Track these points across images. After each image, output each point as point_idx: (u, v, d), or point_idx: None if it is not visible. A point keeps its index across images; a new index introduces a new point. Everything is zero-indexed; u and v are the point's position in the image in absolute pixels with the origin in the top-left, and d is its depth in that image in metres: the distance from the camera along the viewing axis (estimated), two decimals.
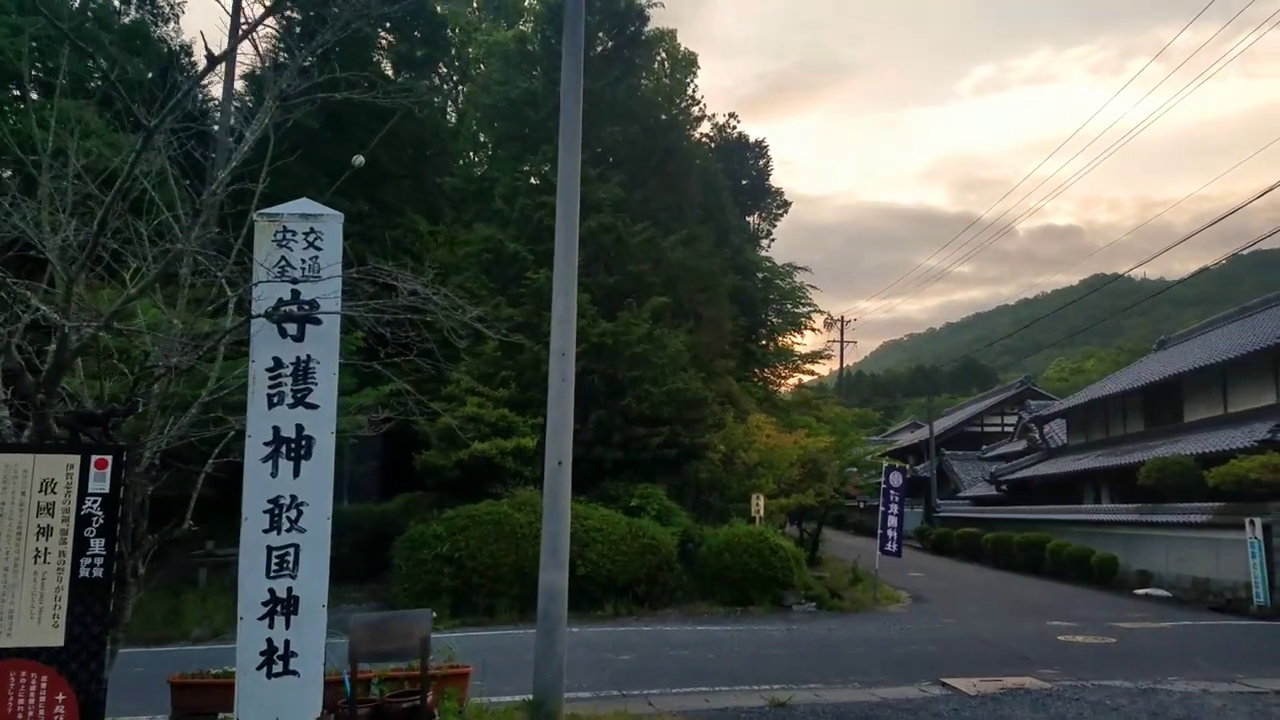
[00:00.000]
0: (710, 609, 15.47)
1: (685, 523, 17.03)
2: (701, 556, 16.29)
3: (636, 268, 16.79)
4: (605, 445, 16.72)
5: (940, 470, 42.52)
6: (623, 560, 15.08)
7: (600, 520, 15.27)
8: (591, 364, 16.37)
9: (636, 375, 16.37)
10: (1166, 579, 18.85)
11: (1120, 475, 24.02)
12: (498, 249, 16.84)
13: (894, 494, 17.64)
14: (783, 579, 15.90)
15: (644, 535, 15.44)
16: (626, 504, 16.62)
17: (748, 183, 41.45)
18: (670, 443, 17.09)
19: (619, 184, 16.99)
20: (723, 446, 18.21)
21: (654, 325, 16.54)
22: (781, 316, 36.06)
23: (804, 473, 19.86)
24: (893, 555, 18.34)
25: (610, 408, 16.65)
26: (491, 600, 14.43)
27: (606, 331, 16.05)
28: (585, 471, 17.04)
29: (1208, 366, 22.35)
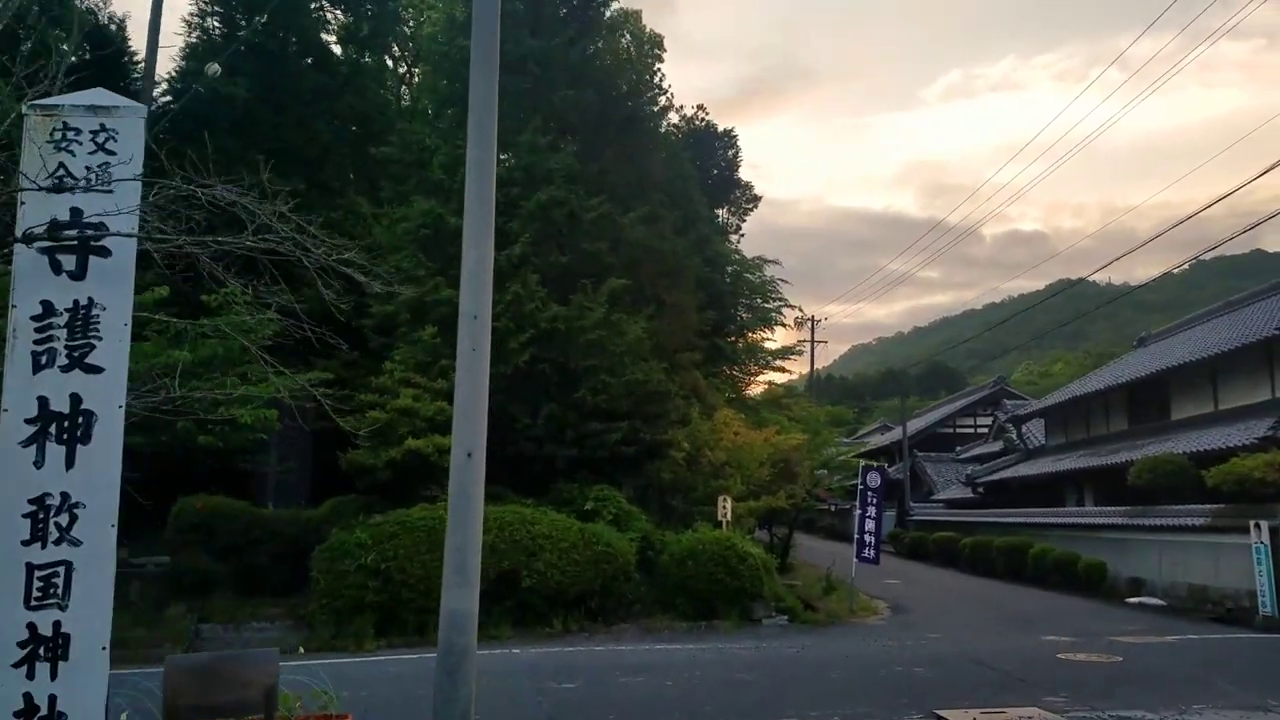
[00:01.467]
0: (671, 624, 13.92)
1: (645, 528, 15.48)
2: (662, 565, 14.76)
3: (592, 246, 15.23)
4: (557, 442, 15.13)
5: (913, 472, 41.47)
6: (574, 570, 13.49)
7: (549, 526, 13.67)
8: (542, 352, 14.78)
9: (592, 365, 14.80)
10: (1160, 586, 17.66)
11: (1105, 476, 22.91)
12: (437, 224, 15.17)
13: (871, 496, 16.25)
14: (751, 589, 14.42)
15: (598, 542, 13.86)
16: (581, 507, 15.04)
17: (716, 174, 40.08)
18: (629, 439, 15.54)
19: (572, 154, 15.43)
20: (687, 444, 16.69)
21: (611, 310, 14.99)
22: (751, 311, 34.73)
23: (775, 473, 18.42)
24: (870, 562, 16.95)
25: (563, 401, 15.06)
26: (423, 617, 12.73)
27: (558, 316, 14.46)
28: (536, 472, 15.45)
29: (1197, 362, 21.31)
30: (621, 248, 15.69)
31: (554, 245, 15.21)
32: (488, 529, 13.26)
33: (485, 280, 6.52)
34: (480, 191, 6.26)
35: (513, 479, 15.46)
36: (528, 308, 14.32)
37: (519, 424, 14.91)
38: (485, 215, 6.28)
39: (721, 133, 40.67)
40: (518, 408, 14.92)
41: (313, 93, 24.89)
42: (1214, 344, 21.23)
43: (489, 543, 13.16)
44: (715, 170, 40.40)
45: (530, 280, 14.43)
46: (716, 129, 40.57)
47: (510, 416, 14.96)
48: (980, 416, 50.65)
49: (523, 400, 14.91)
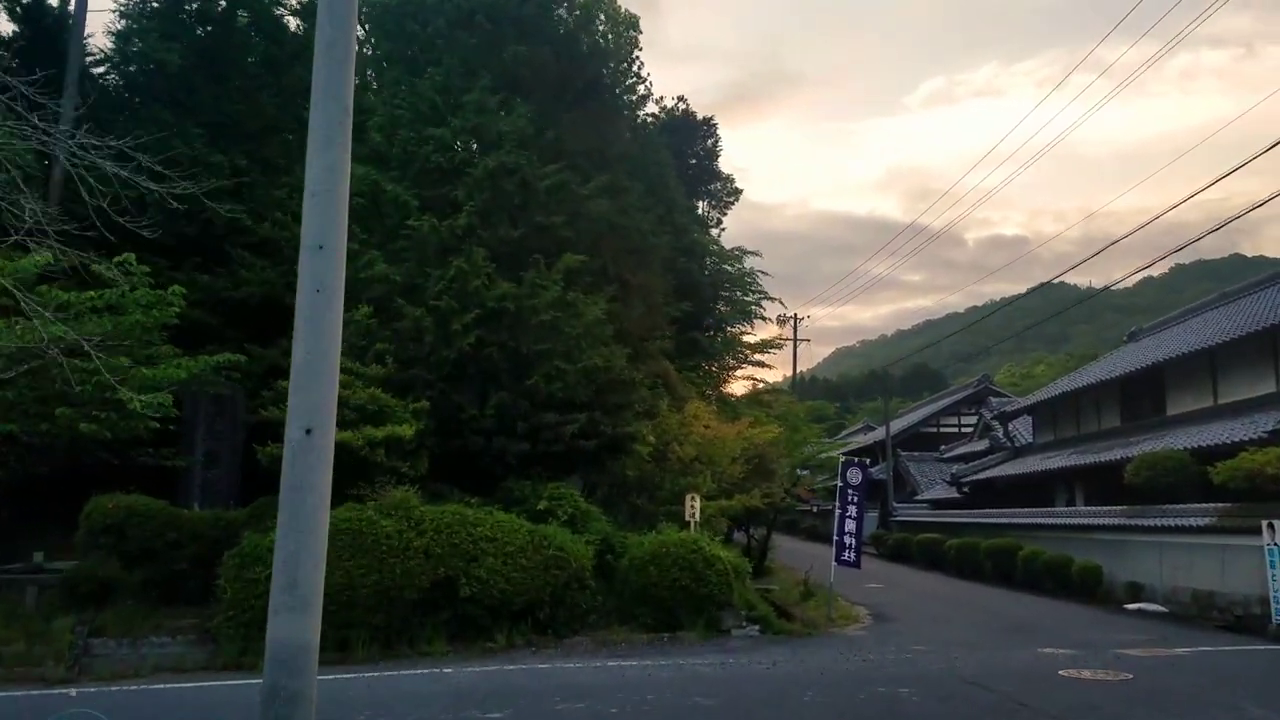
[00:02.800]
0: (630, 636, 12.51)
1: (605, 529, 14.07)
2: (622, 571, 13.35)
3: (547, 219, 13.82)
4: (508, 435, 13.69)
5: (896, 472, 40.32)
6: (521, 577, 12.06)
7: (492, 528, 12.23)
8: (490, 334, 13.34)
9: (545, 349, 13.38)
10: (1161, 591, 16.45)
11: (1098, 474, 21.74)
12: (374, 192, 13.71)
13: (852, 494, 14.92)
14: (720, 597, 13.04)
15: (549, 546, 12.43)
16: (533, 507, 13.61)
17: (695, 163, 38.75)
18: (588, 432, 14.13)
19: (526, 117, 13.99)
20: (653, 438, 15.30)
21: (568, 289, 13.59)
22: (731, 305, 33.41)
23: (749, 470, 17.06)
24: (851, 566, 15.62)
25: (514, 389, 13.62)
26: (345, 632, 11.28)
27: (508, 294, 13.02)
28: (484, 468, 14.01)
29: (1195, 353, 20.18)
30: (580, 222, 14.29)
31: (505, 217, 13.79)
32: (422, 533, 11.84)
33: (337, 197, 5.04)
34: (331, 80, 4.75)
35: (458, 476, 14.02)
36: (473, 284, 12.89)
37: (465, 414, 13.48)
38: (339, 112, 4.78)
39: (701, 121, 39.34)
40: (463, 396, 13.48)
41: (260, 64, 23.37)
42: (1213, 335, 20.11)
43: (422, 547, 11.73)
44: (694, 160, 39.11)
45: (476, 254, 13.00)
46: (695, 116, 39.28)
47: (455, 406, 13.53)
48: (964, 415, 49.67)
49: (469, 388, 13.48)
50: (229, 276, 19.76)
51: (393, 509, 11.92)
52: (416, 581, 11.52)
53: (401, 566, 11.47)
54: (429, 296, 12.95)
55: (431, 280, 12.96)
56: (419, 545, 11.69)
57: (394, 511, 11.89)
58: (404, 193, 13.39)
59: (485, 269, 13.02)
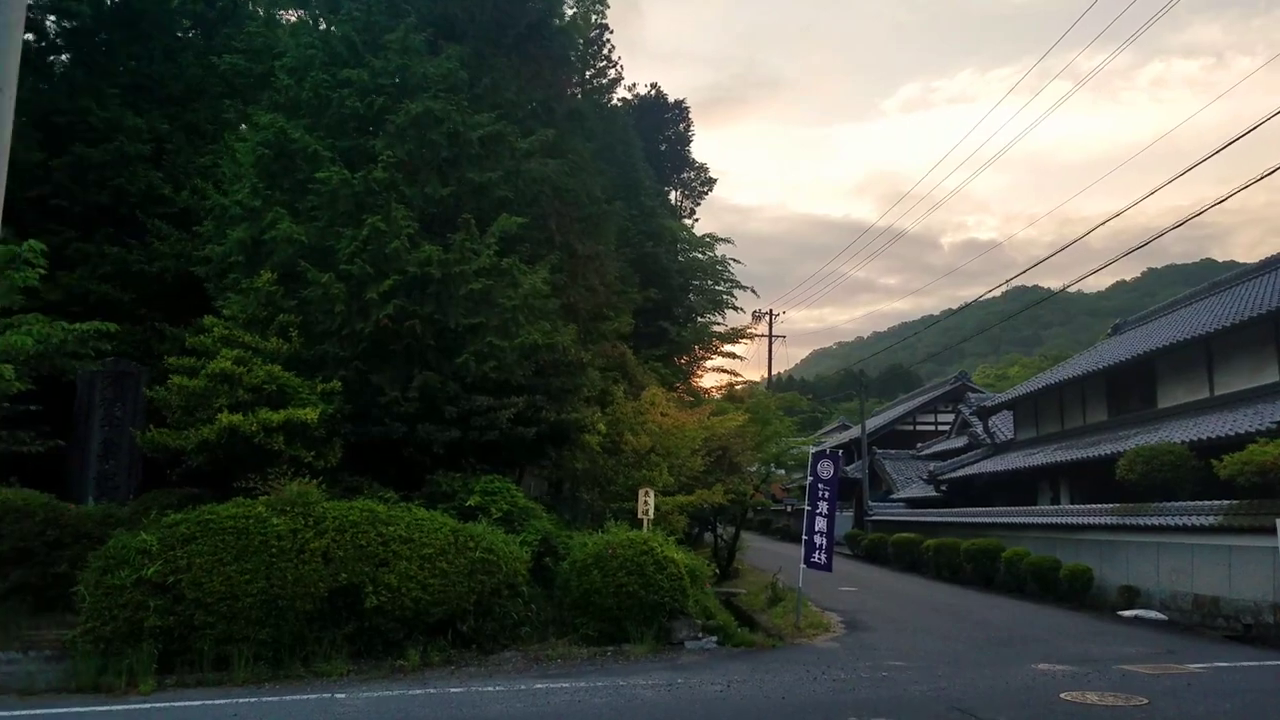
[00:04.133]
0: (568, 650, 10.88)
1: (546, 528, 12.44)
2: (562, 575, 11.73)
3: (480, 176, 12.16)
4: (434, 421, 12.00)
5: (872, 470, 39.01)
6: (440, 584, 10.39)
7: (408, 527, 10.55)
8: (411, 305, 11.63)
9: (477, 323, 11.70)
10: (1158, 597, 15.10)
11: (1085, 470, 20.45)
12: (281, 143, 11.96)
13: (823, 489, 13.40)
14: (672, 604, 11.45)
15: (475, 547, 10.77)
16: (463, 503, 11.94)
17: (665, 148, 37.19)
18: (527, 418, 12.49)
19: (457, 59, 12.30)
20: (604, 427, 13.68)
21: (503, 255, 11.93)
22: (702, 294, 31.89)
23: (711, 463, 15.49)
24: (822, 569, 14.08)
25: (441, 368, 11.94)
26: (225, 648, 9.54)
27: (432, 258, 11.33)
28: (408, 459, 12.31)
29: (1189, 342, 18.91)
30: (520, 181, 12.64)
31: (432, 172, 12.10)
32: (322, 533, 10.14)
33: None
34: None
35: (377, 468, 12.33)
36: (391, 246, 11.19)
37: (384, 397, 11.78)
38: None
39: (672, 104, 37.83)
40: (382, 376, 11.78)
41: (189, 24, 21.53)
42: (1209, 323, 18.85)
43: (321, 549, 10.02)
44: (664, 145, 37.54)
45: (396, 212, 11.30)
46: (666, 99, 37.72)
47: (373, 388, 11.82)
48: (941, 413, 48.60)
49: (388, 367, 11.78)
50: (143, 249, 17.95)
51: (288, 505, 10.19)
52: (312, 589, 9.81)
53: (294, 572, 9.76)
54: (340, 260, 11.25)
55: (343, 241, 11.26)
56: (317, 547, 9.98)
57: (289, 508, 10.17)
58: (315, 143, 11.67)
59: (406, 229, 11.33)
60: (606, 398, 15.87)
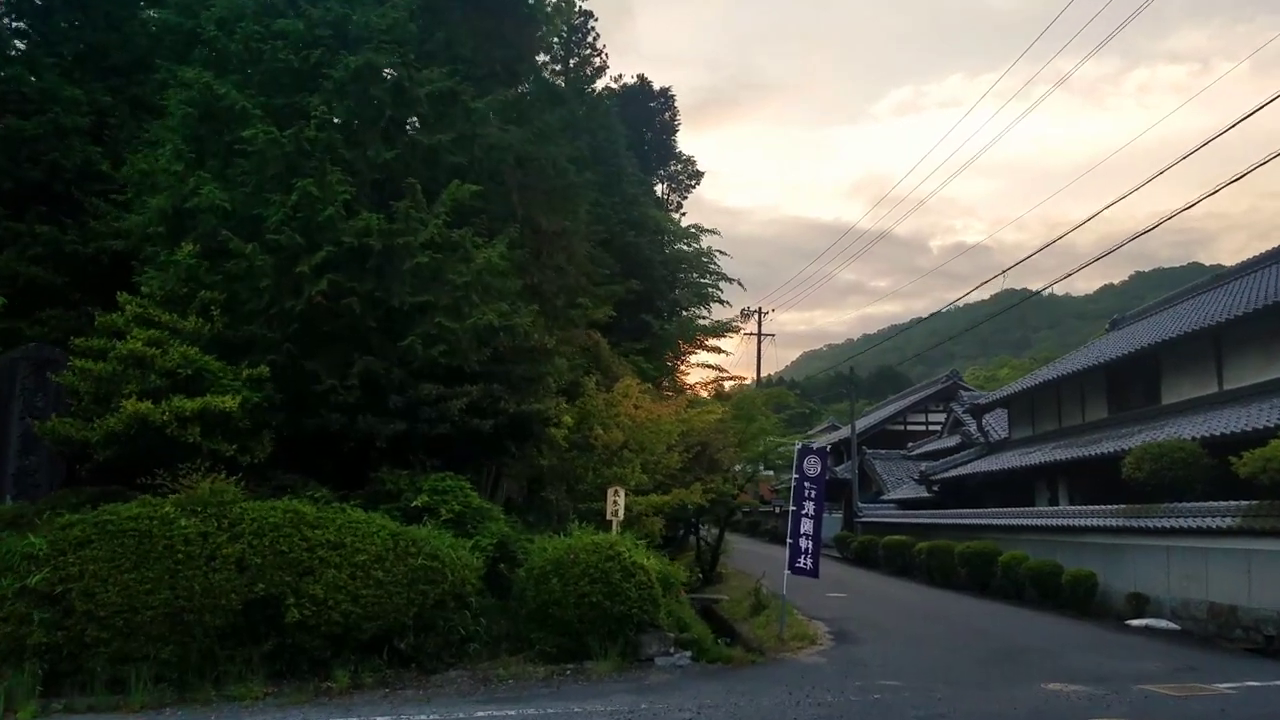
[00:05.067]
0: (522, 670, 9.69)
1: (504, 531, 11.25)
2: (518, 584, 10.53)
3: (428, 139, 10.98)
4: (377, 412, 10.79)
5: (861, 470, 37.91)
6: (374, 596, 9.18)
7: (338, 530, 9.33)
8: (349, 281, 10.42)
9: (424, 301, 10.51)
10: (1169, 605, 14.02)
11: (1085, 469, 19.39)
12: (208, 102, 10.75)
13: (809, 488, 12.25)
14: (641, 615, 10.27)
15: (418, 553, 9.57)
16: (408, 503, 10.73)
17: (650, 136, 36.00)
18: (483, 409, 11.29)
19: (403, 9, 11.10)
20: (570, 419, 12.50)
21: (454, 225, 10.74)
22: (687, 287, 30.73)
23: (689, 459, 14.33)
24: (808, 574, 12.93)
25: (384, 353, 10.73)
26: (121, 667, 8.32)
27: (372, 228, 10.12)
28: (349, 454, 11.08)
29: (1196, 334, 17.88)
30: (476, 147, 11.46)
31: (375, 134, 10.90)
32: (237, 537, 8.91)
33: None
34: None
35: (314, 464, 11.11)
36: (324, 214, 9.98)
37: (320, 385, 10.56)
38: None
39: (657, 91, 36.64)
40: (317, 362, 10.56)
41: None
42: (1217, 313, 17.82)
43: (235, 556, 8.80)
44: (648, 134, 36.35)
45: (330, 176, 10.10)
46: (651, 87, 36.54)
47: (307, 374, 10.60)
48: (932, 413, 47.62)
49: (324, 351, 10.57)
50: (78, 229, 16.67)
51: (199, 505, 8.96)
52: (223, 601, 8.60)
53: (203, 581, 8.54)
54: (269, 230, 10.03)
55: (273, 207, 10.04)
56: (230, 553, 8.76)
57: (200, 508, 8.94)
58: (244, 100, 10.46)
59: (343, 195, 10.12)
60: (576, 389, 14.70)
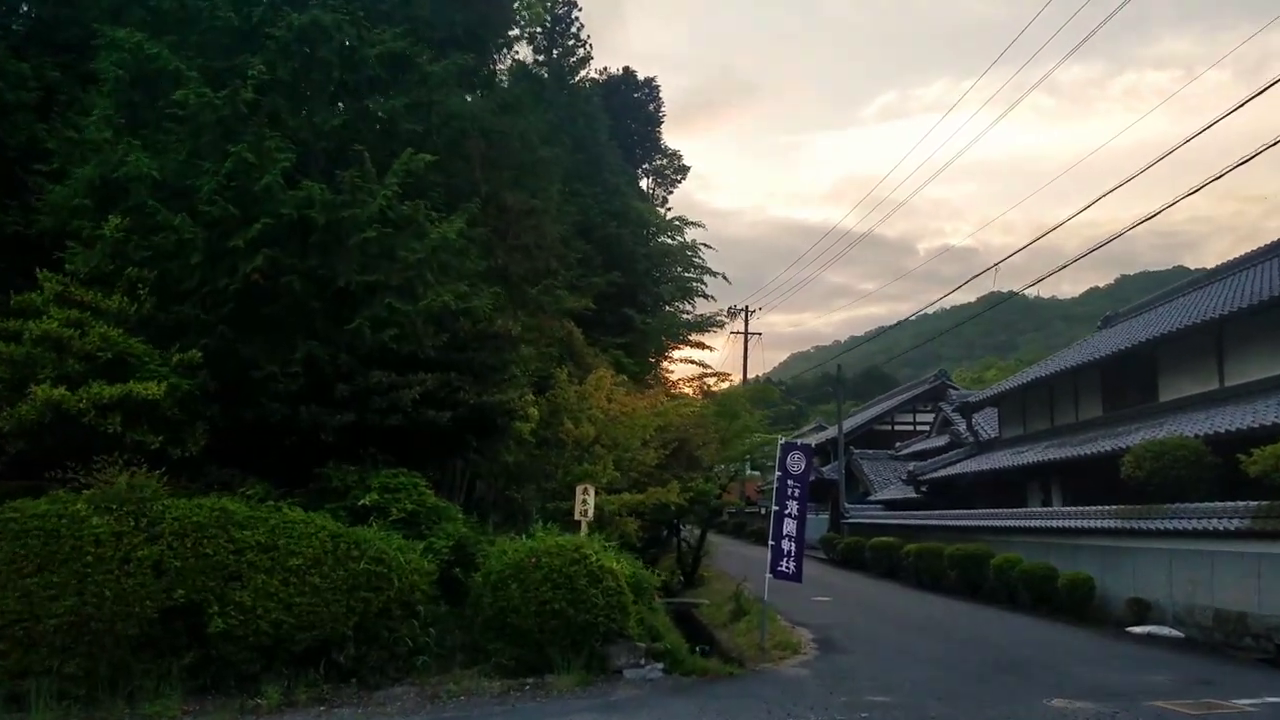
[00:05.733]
0: (476, 684, 8.80)
1: (461, 532, 10.37)
2: (475, 590, 9.65)
3: (380, 105, 10.12)
4: (323, 402, 9.89)
5: (848, 471, 37.18)
6: (310, 603, 8.30)
7: (271, 531, 8.44)
8: (290, 256, 9.52)
9: (373, 281, 9.63)
10: (1172, 611, 13.30)
11: (1081, 469, 18.69)
12: (140, 64, 9.84)
13: (793, 486, 11.43)
14: (608, 624, 9.40)
15: (360, 556, 8.69)
16: (354, 501, 9.84)
17: (634, 125, 35.11)
18: (441, 400, 10.41)
19: None
20: (536, 412, 11.63)
21: (406, 198, 9.86)
22: (671, 281, 29.94)
23: (666, 456, 13.50)
24: (789, 578, 12.09)
25: (330, 337, 9.84)
26: (21, 682, 7.41)
27: (314, 199, 9.23)
28: (291, 447, 10.17)
29: (1196, 329, 17.20)
30: (434, 115, 10.59)
31: (322, 99, 10.02)
32: (155, 538, 8.01)
33: None
34: None
35: (254, 459, 10.18)
36: (261, 183, 9.08)
37: (260, 372, 9.65)
38: None
39: (641, 81, 35.78)
40: (255, 347, 9.66)
41: None
42: (1218, 308, 17.15)
43: (152, 558, 7.90)
44: (632, 123, 35.48)
45: (268, 142, 9.21)
46: (635, 77, 35.70)
47: (244, 360, 9.68)
48: (920, 413, 46.96)
49: (263, 335, 9.67)
50: (21, 210, 15.67)
51: (114, 502, 8.05)
52: (138, 608, 7.69)
53: (115, 586, 7.63)
54: (201, 201, 9.13)
55: (207, 175, 9.14)
56: (147, 555, 7.86)
57: (116, 505, 8.02)
58: (178, 61, 9.56)
59: (282, 162, 9.23)
60: (548, 381, 13.84)
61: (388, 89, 10.23)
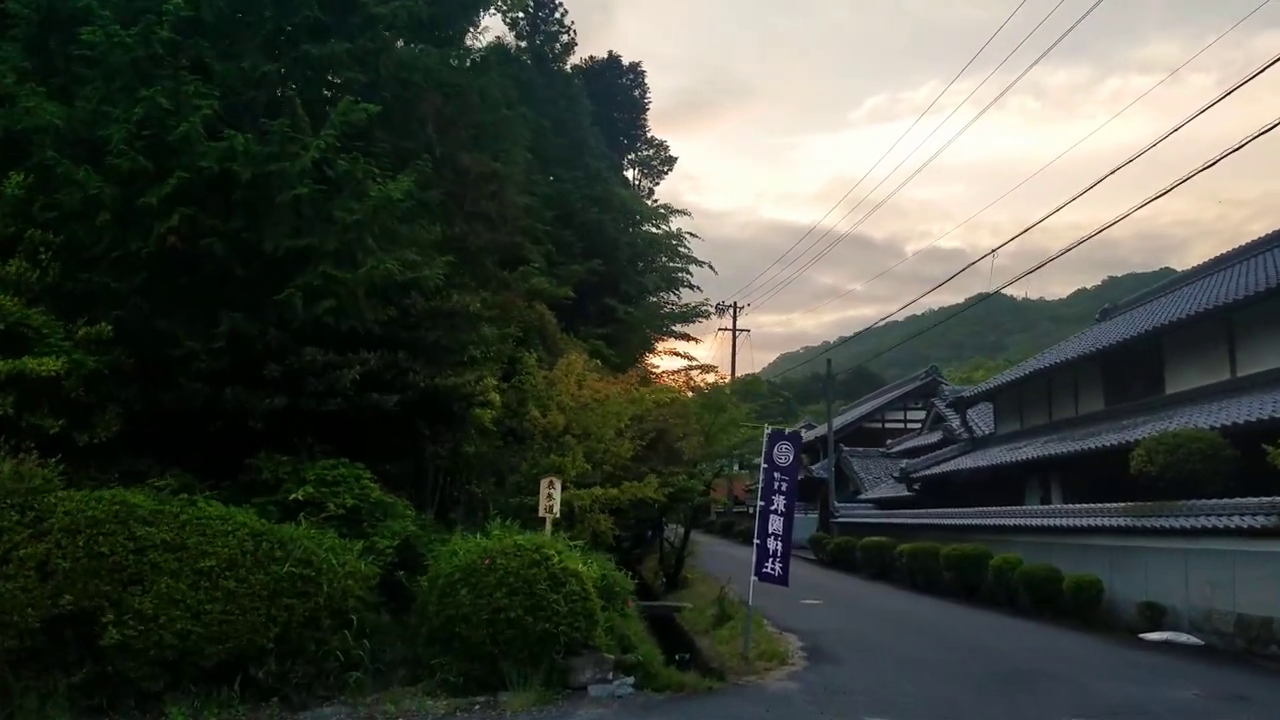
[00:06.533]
0: (419, 704, 7.71)
1: (408, 530, 9.27)
2: (421, 596, 8.56)
3: (319, 49, 9.02)
4: (250, 384, 8.77)
5: (838, 469, 36.23)
6: (223, 611, 7.20)
7: (180, 528, 7.35)
8: (211, 216, 8.40)
9: (305, 245, 8.53)
10: (1187, 615, 12.34)
11: (1083, 465, 17.75)
12: (50, 5, 8.69)
13: (780, 480, 10.39)
14: (572, 634, 8.31)
15: (285, 558, 7.59)
16: (285, 496, 8.73)
17: (619, 116, 33.99)
18: (385, 381, 9.31)
19: None
20: (499, 397, 10.55)
21: (344, 153, 8.76)
22: (655, 271, 28.90)
23: (644, 448, 12.45)
24: (775, 581, 11.04)
25: (257, 311, 8.72)
26: None
27: (239, 151, 8.13)
28: (217, 435, 9.06)
29: (1206, 315, 16.30)
30: (380, 64, 9.48)
31: (255, 43, 8.90)
32: (42, 535, 6.88)
33: None
34: None
35: (179, 447, 9.06)
36: (177, 131, 7.98)
37: (179, 349, 8.52)
38: None
39: (626, 66, 34.68)
40: (174, 320, 8.53)
41: None
42: (1229, 293, 16.24)
43: (36, 559, 6.77)
44: (617, 112, 34.34)
45: (186, 86, 8.10)
46: (621, 62, 34.60)
47: (161, 336, 8.56)
48: (911, 410, 46.14)
49: (182, 307, 8.55)
50: None
51: None
52: (17, 617, 6.57)
53: None
54: (111, 153, 8.01)
55: (119, 123, 8.02)
56: (31, 554, 6.74)
57: None
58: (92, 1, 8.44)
59: (202, 108, 8.11)
60: (516, 366, 12.75)
61: (318, 28, 9.13)
